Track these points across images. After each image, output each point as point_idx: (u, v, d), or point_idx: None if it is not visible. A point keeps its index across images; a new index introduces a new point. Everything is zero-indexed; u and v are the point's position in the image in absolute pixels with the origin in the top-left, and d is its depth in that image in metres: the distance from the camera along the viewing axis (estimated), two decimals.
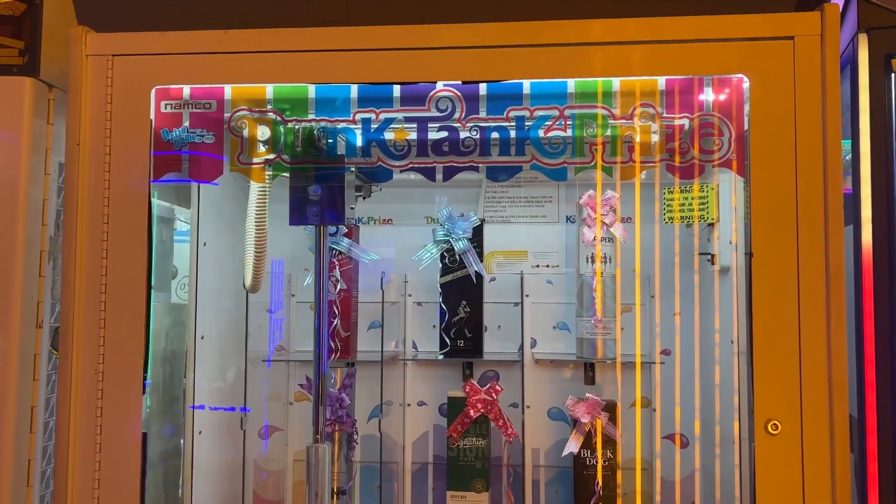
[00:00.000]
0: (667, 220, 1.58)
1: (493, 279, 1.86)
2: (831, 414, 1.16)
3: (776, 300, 1.20)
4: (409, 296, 1.88)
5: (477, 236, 1.77)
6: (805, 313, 1.19)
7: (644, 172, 1.38)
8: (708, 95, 1.31)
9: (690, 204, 1.56)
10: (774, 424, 1.18)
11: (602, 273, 1.69)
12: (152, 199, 1.34)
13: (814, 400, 1.18)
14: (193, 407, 1.63)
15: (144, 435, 1.31)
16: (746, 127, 1.27)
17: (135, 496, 1.29)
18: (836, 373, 1.16)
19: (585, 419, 1.65)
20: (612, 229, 1.69)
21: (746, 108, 1.27)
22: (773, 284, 1.20)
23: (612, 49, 1.26)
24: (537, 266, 1.87)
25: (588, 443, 1.66)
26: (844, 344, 1.18)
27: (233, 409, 1.78)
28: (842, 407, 1.17)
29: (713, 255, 1.70)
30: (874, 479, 1.20)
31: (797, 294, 1.19)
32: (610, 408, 1.67)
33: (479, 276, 1.76)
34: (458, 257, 1.76)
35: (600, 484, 1.64)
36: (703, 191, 1.52)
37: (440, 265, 1.78)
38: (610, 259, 1.71)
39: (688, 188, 1.54)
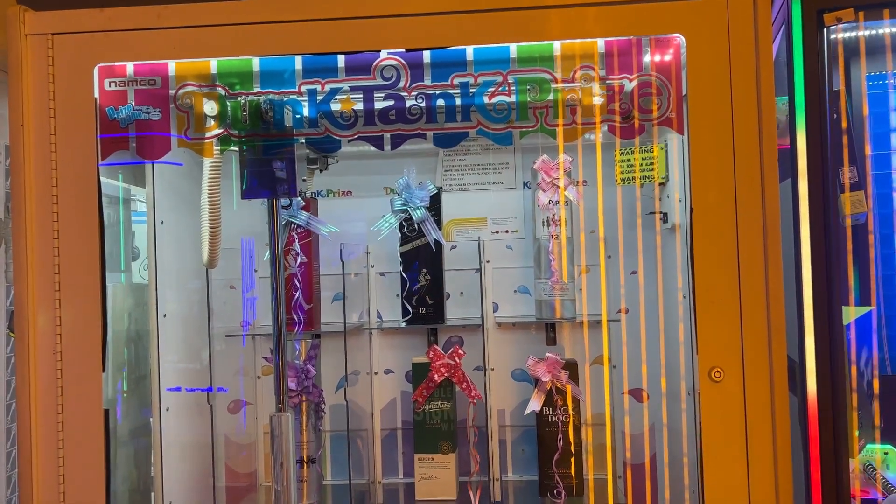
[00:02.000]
0: (622, 180, 1.61)
1: (453, 247, 1.89)
2: (770, 359, 1.22)
3: (716, 252, 1.24)
4: (372, 266, 1.90)
5: (435, 205, 1.79)
6: (744, 264, 1.24)
7: (598, 134, 1.41)
8: (648, 56, 1.34)
9: (642, 164, 1.59)
10: (717, 372, 1.23)
11: (557, 235, 1.73)
12: (116, 182, 1.34)
13: (754, 346, 1.23)
14: (170, 389, 1.65)
15: (107, 412, 1.33)
16: (685, 85, 1.30)
17: (100, 472, 1.31)
18: (774, 319, 1.22)
19: (546, 378, 1.69)
20: (566, 192, 1.72)
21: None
22: (712, 237, 1.24)
23: (553, 12, 1.28)
24: (496, 232, 1.90)
25: (550, 401, 1.71)
26: (782, 291, 1.23)
27: (210, 389, 1.80)
28: (780, 351, 1.22)
29: (666, 214, 1.74)
30: (814, 418, 1.25)
31: (736, 246, 1.24)
32: (569, 366, 1.72)
33: (438, 243, 1.78)
34: (416, 226, 1.78)
35: (571, 441, 1.69)
36: (651, 150, 1.55)
37: (399, 235, 1.80)
38: (566, 221, 1.74)
39: (647, 148, 1.57)
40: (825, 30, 1.28)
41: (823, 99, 1.28)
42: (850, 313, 1.38)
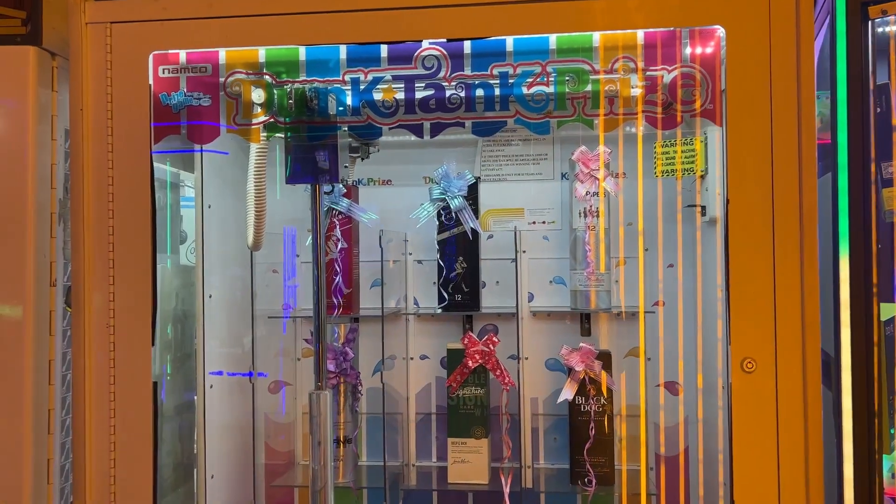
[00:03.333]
0: (662, 173, 1.61)
1: (490, 236, 1.91)
2: (804, 352, 1.21)
3: (751, 244, 1.24)
4: (410, 254, 1.94)
5: (472, 194, 1.81)
6: (779, 257, 1.23)
7: (640, 125, 1.41)
8: (687, 48, 1.34)
9: (683, 156, 1.59)
10: (750, 362, 1.23)
11: (594, 227, 1.74)
12: (163, 166, 1.39)
13: (788, 339, 1.23)
14: (212, 373, 1.71)
15: (155, 385, 1.39)
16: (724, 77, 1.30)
17: (148, 442, 1.37)
18: (809, 312, 1.21)
19: (579, 367, 1.71)
20: (603, 184, 1.72)
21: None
22: (748, 229, 1.24)
23: (596, 3, 1.29)
24: (533, 223, 1.92)
25: (583, 390, 1.72)
26: (817, 285, 1.22)
27: (251, 374, 1.86)
28: (814, 346, 1.22)
29: (705, 207, 1.74)
30: (848, 413, 1.25)
31: (772, 239, 1.24)
32: (603, 357, 1.73)
33: (475, 232, 1.81)
34: (454, 215, 1.81)
35: (604, 431, 1.70)
36: (692, 143, 1.55)
37: (437, 223, 1.83)
38: (603, 213, 1.75)
39: (688, 140, 1.56)
40: (871, 23, 1.27)
41: (866, 93, 1.27)
42: (894, 309, 1.36)
